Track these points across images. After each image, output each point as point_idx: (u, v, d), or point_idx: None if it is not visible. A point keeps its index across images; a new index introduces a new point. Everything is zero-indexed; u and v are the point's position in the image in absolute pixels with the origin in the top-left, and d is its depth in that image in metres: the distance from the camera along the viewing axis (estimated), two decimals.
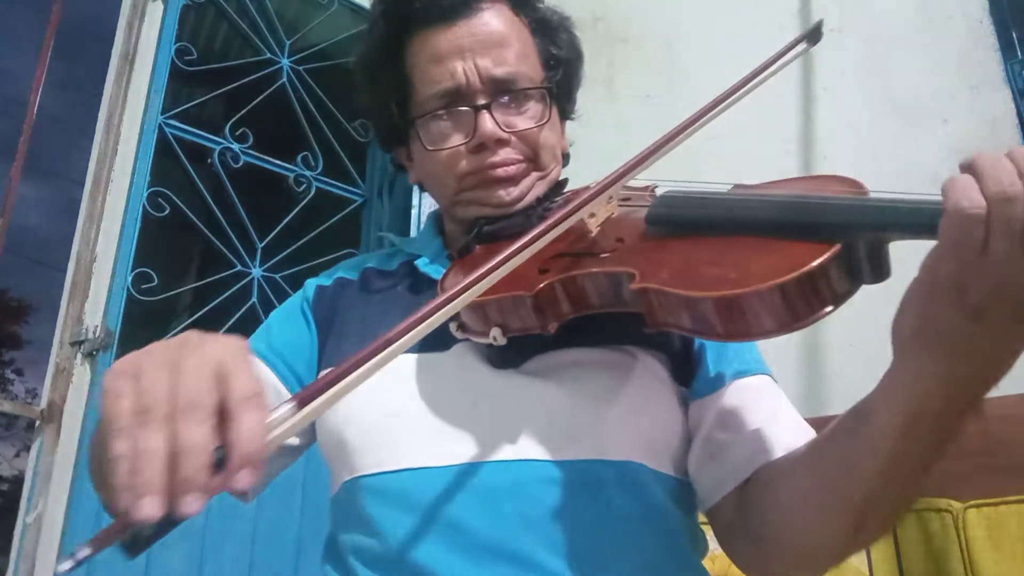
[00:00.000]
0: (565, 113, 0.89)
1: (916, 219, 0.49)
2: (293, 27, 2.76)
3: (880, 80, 1.83)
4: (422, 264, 0.84)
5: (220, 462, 0.41)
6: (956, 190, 0.46)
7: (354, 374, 0.48)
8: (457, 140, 0.78)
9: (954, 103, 1.70)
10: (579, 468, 0.68)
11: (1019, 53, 1.65)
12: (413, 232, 2.18)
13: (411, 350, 0.75)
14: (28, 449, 2.09)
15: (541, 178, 0.81)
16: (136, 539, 0.40)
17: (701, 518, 0.78)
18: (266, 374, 0.79)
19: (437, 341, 0.75)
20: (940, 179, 0.47)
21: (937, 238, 0.47)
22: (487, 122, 0.77)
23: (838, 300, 0.53)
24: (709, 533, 0.78)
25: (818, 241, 0.53)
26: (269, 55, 2.65)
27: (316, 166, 2.62)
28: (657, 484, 0.71)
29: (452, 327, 0.73)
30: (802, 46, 0.77)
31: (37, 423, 2.04)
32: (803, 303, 0.52)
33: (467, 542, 0.65)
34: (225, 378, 0.43)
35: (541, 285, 0.66)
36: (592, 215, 0.71)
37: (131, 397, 0.42)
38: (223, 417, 0.42)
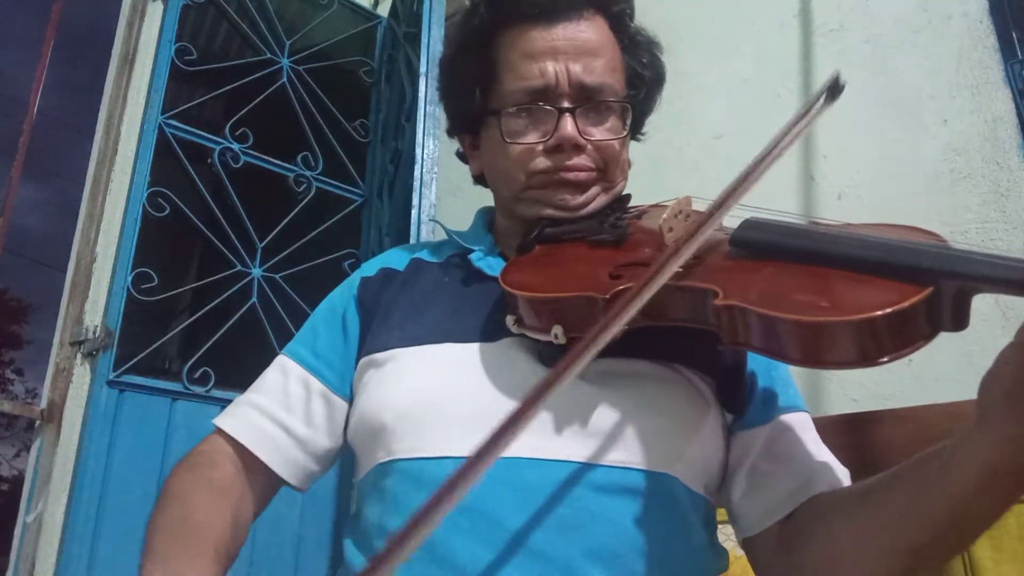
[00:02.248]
0: (635, 133, 0.90)
1: (1011, 276, 0.50)
2: (293, 27, 2.76)
3: (880, 80, 1.83)
4: (476, 258, 0.84)
5: None
6: None
7: (439, 510, 0.48)
8: (535, 137, 0.79)
9: (954, 103, 1.70)
10: (617, 475, 0.69)
11: (1019, 53, 1.65)
12: (413, 233, 2.18)
13: (460, 340, 0.76)
14: (28, 449, 2.09)
15: (606, 189, 0.83)
16: None
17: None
18: (312, 383, 0.82)
19: (487, 333, 0.76)
20: (940, 179, 0.47)
21: None
22: (568, 125, 0.78)
23: (919, 342, 0.54)
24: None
25: (910, 283, 0.54)
26: (269, 55, 2.66)
27: (316, 166, 2.62)
28: (688, 500, 0.72)
29: (509, 321, 0.73)
30: (821, 102, 0.77)
31: (37, 423, 2.04)
32: (887, 340, 0.53)
33: (500, 537, 0.65)
34: None
35: (616, 289, 0.65)
36: (671, 229, 0.71)
37: None
38: None
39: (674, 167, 2.07)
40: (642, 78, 0.87)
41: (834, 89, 0.77)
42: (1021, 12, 1.68)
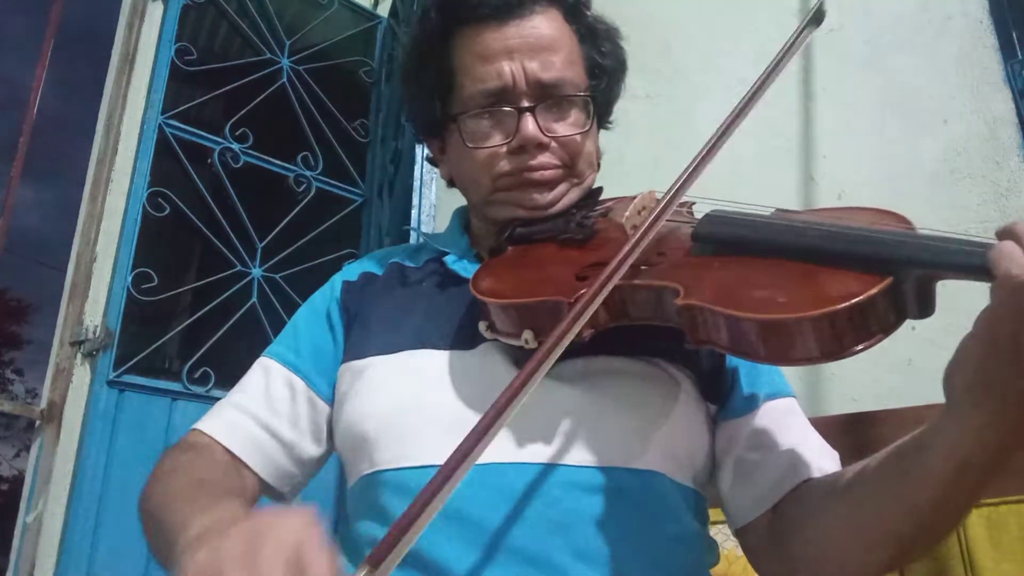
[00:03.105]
0: (602, 123, 0.89)
1: (969, 261, 0.49)
2: (293, 27, 2.75)
3: (880, 80, 1.83)
4: (450, 261, 0.84)
5: None
6: (1003, 258, 0.47)
7: (419, 520, 0.47)
8: (497, 140, 0.79)
9: (954, 103, 1.70)
10: (602, 474, 0.68)
11: (1019, 53, 1.65)
12: (413, 233, 2.18)
13: (437, 346, 0.76)
14: (28, 449, 2.09)
15: (576, 185, 0.82)
16: None
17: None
18: (296, 383, 0.80)
19: (464, 339, 0.76)
20: (940, 179, 0.47)
21: (989, 281, 0.48)
22: (529, 125, 0.77)
23: (883, 332, 0.53)
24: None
25: (869, 272, 0.53)
26: (269, 55, 2.65)
27: (316, 166, 2.62)
28: (677, 494, 0.72)
29: (482, 327, 0.72)
30: (808, 30, 0.77)
31: (37, 423, 2.04)
32: (849, 333, 0.53)
33: (484, 540, 0.65)
34: (302, 568, 0.43)
35: (580, 292, 0.65)
36: (634, 226, 0.70)
37: None
38: None
39: (674, 167, 2.07)
40: (603, 67, 0.85)
41: (817, 15, 0.77)
42: (1021, 12, 1.68)
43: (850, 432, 1.34)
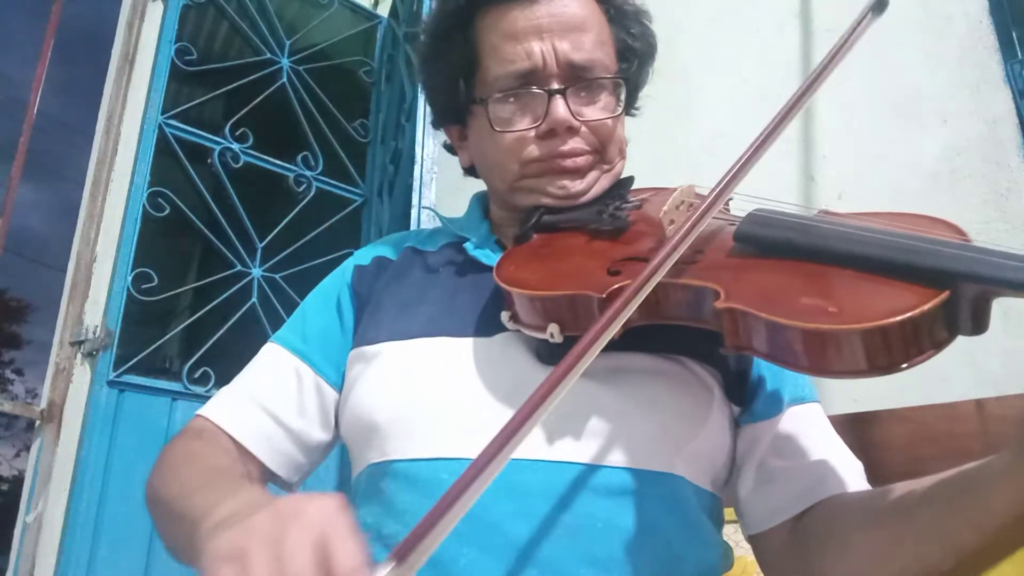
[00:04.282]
0: (629, 108, 0.86)
1: None
2: (293, 27, 2.76)
3: (880, 80, 1.83)
4: (470, 247, 0.80)
5: None
6: None
7: (447, 516, 0.45)
8: (526, 123, 0.75)
9: (954, 103, 1.70)
10: (622, 475, 0.66)
11: (1019, 53, 1.65)
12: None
13: (454, 334, 0.72)
14: (28, 449, 2.09)
15: (606, 172, 0.79)
16: None
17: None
18: (303, 370, 0.78)
19: (482, 328, 0.72)
20: (940, 179, 0.46)
21: None
22: (560, 108, 0.74)
23: (934, 349, 0.50)
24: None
25: (925, 286, 0.50)
26: (269, 55, 2.66)
27: (316, 166, 2.62)
28: (695, 498, 0.69)
29: (504, 317, 0.69)
30: (869, 17, 0.73)
31: (37, 423, 2.04)
32: (900, 348, 0.50)
33: (500, 543, 0.62)
34: (328, 553, 0.42)
35: (613, 288, 0.62)
36: (672, 221, 0.68)
37: None
38: None
39: (674, 167, 2.07)
40: (633, 50, 0.82)
41: (879, 4, 0.72)
42: (1021, 12, 1.68)
43: (850, 432, 1.33)
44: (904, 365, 0.50)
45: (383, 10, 2.96)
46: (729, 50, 2.10)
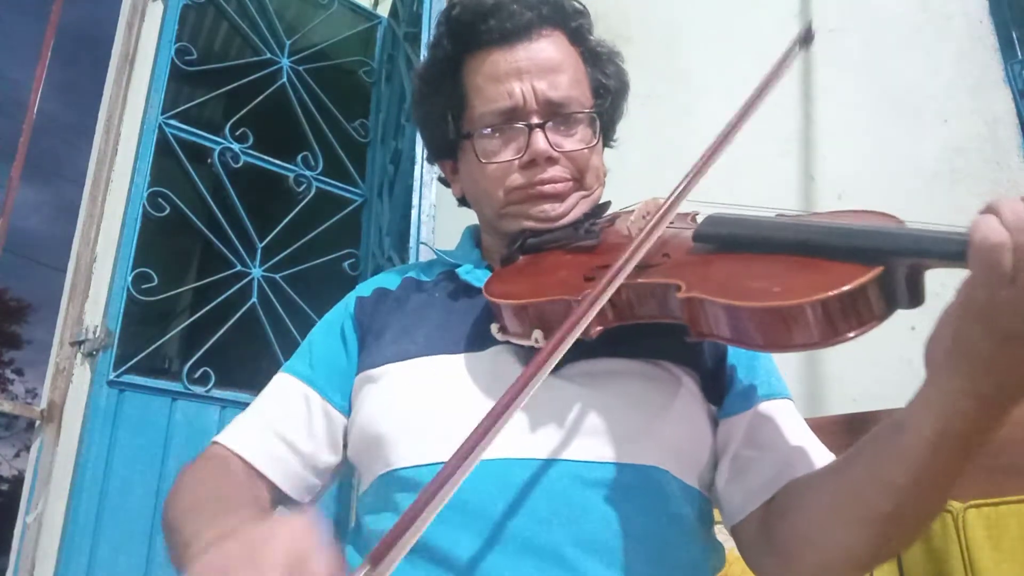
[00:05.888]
0: (607, 140, 0.93)
1: (950, 247, 0.52)
2: (293, 27, 2.76)
3: (880, 80, 1.83)
4: (463, 272, 0.87)
5: None
6: (981, 226, 0.50)
7: (420, 519, 0.50)
8: (509, 155, 0.83)
9: (954, 103, 1.70)
10: (605, 469, 0.71)
11: (1019, 53, 1.65)
12: (412, 233, 2.18)
13: (450, 351, 0.79)
14: (28, 449, 2.09)
15: (584, 197, 0.85)
16: None
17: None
18: (312, 396, 0.83)
19: (475, 342, 0.79)
20: (940, 179, 0.47)
21: (969, 267, 0.51)
22: (540, 140, 0.81)
23: (875, 320, 0.56)
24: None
25: (861, 263, 0.56)
26: (269, 55, 2.66)
27: (316, 166, 2.62)
28: (681, 494, 0.74)
29: (494, 329, 0.76)
30: (795, 50, 0.82)
31: (37, 423, 2.04)
32: (842, 320, 0.55)
33: (489, 529, 0.67)
34: (303, 566, 0.47)
35: (586, 291, 0.67)
36: (639, 230, 0.74)
37: None
38: None
39: (674, 167, 2.07)
40: (607, 87, 0.90)
41: (806, 37, 0.81)
42: (1021, 12, 1.68)
43: (850, 432, 1.34)
44: (851, 335, 0.56)
45: (383, 10, 2.96)
46: (729, 50, 2.10)
